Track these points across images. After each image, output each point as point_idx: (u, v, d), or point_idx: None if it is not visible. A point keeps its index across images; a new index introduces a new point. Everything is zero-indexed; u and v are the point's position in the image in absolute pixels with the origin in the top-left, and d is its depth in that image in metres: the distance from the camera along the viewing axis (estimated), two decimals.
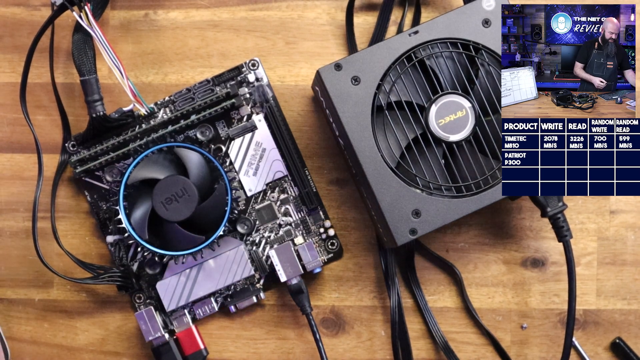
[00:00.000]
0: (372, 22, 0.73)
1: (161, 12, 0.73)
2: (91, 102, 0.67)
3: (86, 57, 0.67)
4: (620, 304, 0.72)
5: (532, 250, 0.72)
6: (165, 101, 0.71)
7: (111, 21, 0.73)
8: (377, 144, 0.63)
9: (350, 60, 0.63)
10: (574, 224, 0.72)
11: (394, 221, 0.62)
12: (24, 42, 0.72)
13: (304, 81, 0.72)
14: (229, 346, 0.72)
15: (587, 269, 0.72)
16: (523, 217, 0.72)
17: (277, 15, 0.72)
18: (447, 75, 0.64)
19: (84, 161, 0.70)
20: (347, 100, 0.63)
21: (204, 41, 0.72)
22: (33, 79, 0.72)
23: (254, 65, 0.71)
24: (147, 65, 0.72)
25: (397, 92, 0.64)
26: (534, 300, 0.72)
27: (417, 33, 0.64)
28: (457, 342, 0.72)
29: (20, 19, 0.73)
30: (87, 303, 0.72)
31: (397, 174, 0.63)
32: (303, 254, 0.69)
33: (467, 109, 0.63)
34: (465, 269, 0.72)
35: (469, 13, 0.64)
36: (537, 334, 0.72)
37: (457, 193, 0.63)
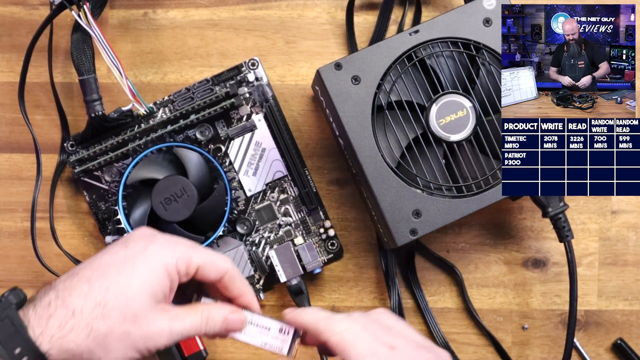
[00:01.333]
0: (372, 21, 0.72)
1: (160, 12, 0.72)
2: (90, 101, 0.67)
3: (85, 56, 0.67)
4: (621, 305, 0.71)
5: (533, 251, 0.72)
6: (165, 101, 0.71)
7: (110, 20, 0.72)
8: (378, 144, 0.63)
9: (351, 59, 0.63)
10: (576, 224, 0.71)
11: (395, 221, 0.62)
12: (22, 42, 0.71)
13: (304, 81, 0.72)
14: (228, 347, 0.72)
15: (589, 269, 0.72)
16: (524, 217, 0.72)
17: (276, 15, 0.72)
18: (448, 74, 0.64)
19: (82, 161, 0.69)
20: (347, 100, 0.63)
21: (204, 40, 0.72)
22: (32, 78, 0.72)
23: (254, 64, 0.71)
24: (146, 65, 0.72)
25: (398, 91, 0.63)
26: (535, 300, 0.71)
27: (418, 32, 0.64)
28: (458, 343, 0.72)
29: (18, 18, 0.72)
30: None
31: (397, 174, 0.63)
32: (303, 255, 0.69)
33: (468, 109, 0.63)
34: (466, 269, 0.72)
35: (469, 12, 0.64)
36: (538, 335, 0.71)
37: (457, 193, 0.63)
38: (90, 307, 0.49)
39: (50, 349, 0.48)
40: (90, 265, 0.51)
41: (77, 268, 0.52)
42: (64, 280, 0.51)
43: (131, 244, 0.53)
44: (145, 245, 0.53)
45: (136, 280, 0.50)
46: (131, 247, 0.52)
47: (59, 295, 0.49)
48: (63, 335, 0.48)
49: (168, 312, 0.52)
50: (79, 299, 0.49)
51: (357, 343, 0.51)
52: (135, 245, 0.53)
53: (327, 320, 0.54)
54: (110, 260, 0.52)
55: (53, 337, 0.48)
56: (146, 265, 0.51)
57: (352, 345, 0.51)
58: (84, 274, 0.51)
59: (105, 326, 0.49)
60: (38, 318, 0.48)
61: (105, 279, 0.50)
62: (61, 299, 0.49)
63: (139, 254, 0.52)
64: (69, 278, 0.51)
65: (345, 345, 0.51)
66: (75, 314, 0.48)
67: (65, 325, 0.48)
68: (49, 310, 0.49)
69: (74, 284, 0.50)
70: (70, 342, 0.48)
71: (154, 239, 0.53)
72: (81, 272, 0.51)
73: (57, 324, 0.48)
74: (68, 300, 0.49)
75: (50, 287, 0.50)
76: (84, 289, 0.49)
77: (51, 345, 0.48)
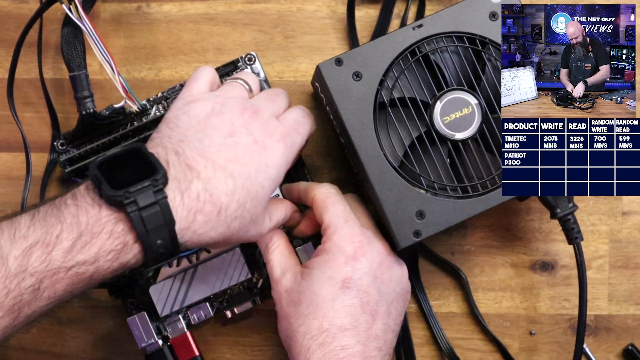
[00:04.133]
0: (374, 15, 0.71)
1: (154, 5, 0.71)
2: (81, 98, 0.66)
3: (75, 51, 0.66)
4: (633, 309, 0.71)
5: (541, 253, 0.71)
6: (159, 97, 0.69)
7: (102, 14, 0.71)
8: (380, 143, 0.62)
9: (352, 55, 0.62)
10: (585, 226, 0.71)
11: (397, 223, 0.62)
12: (11, 36, 0.70)
13: (304, 77, 0.71)
14: (225, 353, 0.71)
15: (599, 272, 0.71)
16: (532, 218, 0.71)
17: (275, 8, 0.71)
18: (453, 70, 0.63)
19: (73, 160, 0.68)
20: (348, 97, 0.62)
21: (199, 35, 0.71)
22: (21, 74, 0.70)
23: (251, 59, 0.69)
24: (140, 60, 0.71)
25: (401, 88, 0.63)
26: (543, 305, 0.71)
27: (421, 27, 0.63)
28: (463, 349, 0.71)
29: (7, 12, 0.71)
30: (77, 308, 0.71)
31: (400, 173, 0.62)
32: (302, 256, 0.67)
33: (474, 106, 0.63)
34: (471, 272, 0.71)
35: (475, 6, 0.63)
36: (546, 341, 0.71)
37: (462, 193, 0.62)
38: (234, 208, 0.52)
39: (188, 241, 0.51)
40: (225, 153, 0.53)
41: (205, 150, 0.53)
42: (204, 166, 0.52)
43: (255, 135, 0.55)
44: (275, 141, 0.57)
45: (267, 182, 0.55)
46: (260, 141, 0.55)
47: (207, 187, 0.51)
48: (205, 232, 0.51)
49: (267, 211, 0.58)
50: (225, 196, 0.52)
51: (337, 205, 0.60)
52: (259, 136, 0.56)
53: (319, 184, 0.63)
54: (247, 153, 0.54)
55: (195, 233, 0.51)
56: (277, 167, 0.56)
57: (333, 204, 0.60)
58: (221, 163, 0.52)
59: (239, 226, 0.53)
60: (187, 211, 0.50)
61: (247, 178, 0.53)
62: (209, 193, 0.51)
63: (271, 151, 0.56)
64: (208, 163, 0.52)
65: (328, 202, 0.60)
66: (220, 213, 0.51)
67: (209, 222, 0.51)
68: (197, 203, 0.50)
69: (219, 175, 0.52)
70: (207, 237, 0.52)
71: (279, 140, 0.57)
72: (218, 160, 0.52)
73: (203, 220, 0.51)
74: (216, 195, 0.51)
75: (190, 170, 0.51)
76: (230, 185, 0.52)
77: (190, 238, 0.51)
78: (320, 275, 0.58)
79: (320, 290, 0.58)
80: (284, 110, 0.61)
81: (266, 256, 0.62)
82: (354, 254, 0.58)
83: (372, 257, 0.59)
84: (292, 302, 0.58)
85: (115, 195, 0.49)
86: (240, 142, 0.54)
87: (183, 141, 0.53)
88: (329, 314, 0.57)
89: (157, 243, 0.49)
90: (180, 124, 0.55)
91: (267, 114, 0.58)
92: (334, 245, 0.59)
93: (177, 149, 0.53)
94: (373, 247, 0.60)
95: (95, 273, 0.50)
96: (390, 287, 0.60)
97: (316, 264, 0.59)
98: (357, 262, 0.58)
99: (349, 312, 0.57)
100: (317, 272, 0.58)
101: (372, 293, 0.58)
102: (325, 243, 0.59)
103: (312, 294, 0.58)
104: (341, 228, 0.59)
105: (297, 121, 0.60)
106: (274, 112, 0.59)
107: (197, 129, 0.54)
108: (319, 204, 0.61)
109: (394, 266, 0.61)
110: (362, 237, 0.59)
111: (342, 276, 0.58)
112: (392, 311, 0.60)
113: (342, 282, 0.58)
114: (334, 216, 0.60)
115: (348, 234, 0.59)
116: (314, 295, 0.58)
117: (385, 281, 0.60)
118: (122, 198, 0.49)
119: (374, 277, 0.59)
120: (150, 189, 0.49)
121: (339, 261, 0.58)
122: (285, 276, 0.60)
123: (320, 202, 0.61)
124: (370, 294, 0.58)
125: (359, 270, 0.58)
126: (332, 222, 0.59)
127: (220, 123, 0.55)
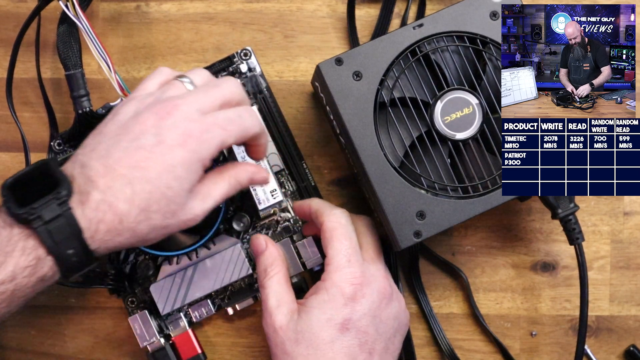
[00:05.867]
0: (374, 14, 0.71)
1: (153, 4, 0.71)
2: (77, 97, 0.65)
3: (71, 50, 0.65)
4: (634, 310, 0.70)
5: (542, 254, 0.70)
6: None
7: (101, 13, 0.71)
8: (380, 143, 0.62)
9: (352, 54, 0.62)
10: (586, 226, 0.70)
11: (398, 223, 0.61)
12: (9, 36, 0.70)
13: (303, 76, 0.71)
14: (224, 354, 0.70)
15: (600, 273, 0.70)
16: (533, 219, 0.70)
17: (275, 8, 0.71)
18: (453, 70, 0.63)
19: None
20: (349, 97, 0.62)
21: (199, 34, 0.71)
22: (19, 74, 0.70)
23: (246, 54, 0.69)
24: (139, 60, 0.71)
25: (401, 88, 0.62)
26: (544, 306, 0.70)
27: (422, 26, 0.63)
28: (464, 350, 0.70)
29: (5, 12, 0.71)
30: (76, 309, 0.70)
31: (400, 173, 0.62)
32: (303, 251, 0.67)
33: (474, 106, 0.62)
34: (472, 273, 0.71)
35: (476, 5, 0.63)
36: (547, 342, 0.70)
37: (463, 194, 0.62)
38: (135, 214, 0.51)
39: (98, 248, 0.51)
40: (126, 159, 0.52)
41: (109, 158, 0.52)
42: (103, 175, 0.51)
43: (164, 134, 0.52)
44: (185, 139, 0.53)
45: (175, 182, 0.52)
46: (166, 140, 0.52)
47: (105, 197, 0.50)
48: (110, 239, 0.51)
49: (199, 194, 0.54)
50: (124, 204, 0.51)
51: (343, 240, 0.60)
52: (167, 135, 0.52)
53: (331, 208, 0.62)
54: (148, 156, 0.52)
55: (102, 240, 0.51)
56: (185, 165, 0.52)
57: (338, 239, 0.60)
58: (121, 170, 0.51)
59: (148, 227, 0.52)
60: (88, 221, 0.50)
61: (147, 182, 0.51)
62: (108, 203, 0.50)
63: (178, 150, 0.52)
64: (108, 173, 0.51)
65: (334, 235, 0.60)
66: (122, 221, 0.51)
67: (112, 230, 0.51)
68: (97, 214, 0.50)
69: (116, 184, 0.51)
70: (116, 242, 0.51)
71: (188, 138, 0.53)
72: (118, 168, 0.51)
73: (106, 229, 0.50)
74: (115, 205, 0.50)
75: (90, 181, 0.51)
76: (128, 192, 0.51)
77: (99, 245, 0.51)
78: (320, 315, 0.58)
79: (320, 332, 0.58)
80: (221, 103, 0.55)
81: (262, 280, 0.62)
82: (354, 295, 0.58)
83: (371, 298, 0.59)
84: (290, 340, 0.58)
85: (21, 213, 0.49)
86: (143, 144, 0.52)
87: (94, 150, 0.52)
88: (328, 354, 0.57)
89: (69, 253, 0.50)
90: (105, 130, 0.54)
91: (190, 110, 0.53)
92: (333, 285, 0.59)
93: (84, 161, 0.52)
94: (372, 287, 0.60)
95: (16, 290, 0.50)
96: (388, 325, 0.60)
97: (315, 303, 0.59)
98: (357, 304, 0.58)
99: (348, 353, 0.58)
100: (316, 311, 0.58)
101: (370, 332, 0.59)
102: (326, 281, 0.59)
103: (312, 334, 0.58)
104: (343, 267, 0.59)
105: (228, 119, 0.54)
106: (202, 107, 0.54)
107: (114, 134, 0.53)
108: (326, 234, 0.60)
109: (392, 303, 0.61)
110: (362, 278, 0.59)
111: (341, 318, 0.58)
112: (389, 346, 0.60)
113: (341, 324, 0.58)
114: (337, 253, 0.59)
115: (349, 274, 0.59)
116: (313, 336, 0.58)
117: (383, 320, 0.60)
118: (26, 214, 0.49)
119: (372, 316, 0.59)
120: (54, 202, 0.49)
121: (339, 302, 0.58)
122: (280, 310, 0.60)
123: (328, 232, 0.60)
124: (369, 334, 0.59)
125: (359, 311, 0.58)
126: (335, 259, 0.59)
127: (134, 125, 0.53)
